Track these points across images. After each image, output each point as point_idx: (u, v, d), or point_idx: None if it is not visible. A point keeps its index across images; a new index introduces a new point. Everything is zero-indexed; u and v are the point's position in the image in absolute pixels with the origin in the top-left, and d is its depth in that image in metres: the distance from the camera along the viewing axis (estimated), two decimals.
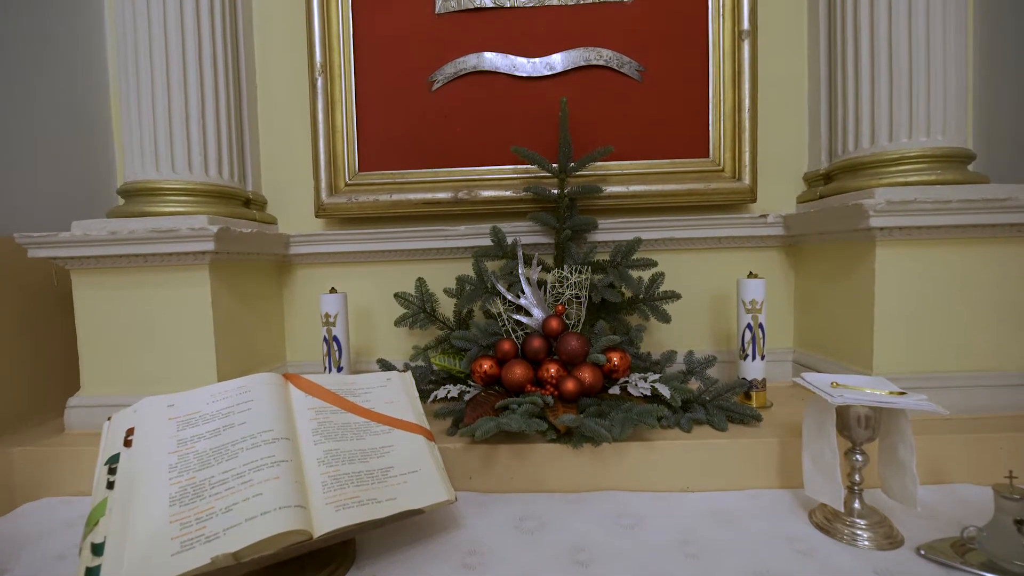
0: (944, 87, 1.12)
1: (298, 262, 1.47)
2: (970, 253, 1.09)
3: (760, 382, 1.17)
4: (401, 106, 1.39)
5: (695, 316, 1.42)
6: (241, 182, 1.35)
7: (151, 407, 0.75)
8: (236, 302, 1.25)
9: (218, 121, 1.25)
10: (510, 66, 1.36)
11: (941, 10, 1.11)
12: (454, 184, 1.38)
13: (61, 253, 1.11)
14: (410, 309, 1.29)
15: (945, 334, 1.09)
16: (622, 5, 1.35)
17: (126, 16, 1.18)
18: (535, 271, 1.23)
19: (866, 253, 1.12)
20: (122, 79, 1.20)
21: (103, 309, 1.15)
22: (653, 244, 1.38)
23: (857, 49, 1.18)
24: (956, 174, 1.12)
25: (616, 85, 1.36)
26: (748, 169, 1.35)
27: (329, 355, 1.23)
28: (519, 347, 1.14)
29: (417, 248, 1.42)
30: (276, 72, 1.45)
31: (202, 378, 1.14)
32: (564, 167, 1.27)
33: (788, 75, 1.40)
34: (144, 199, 1.19)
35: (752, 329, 1.18)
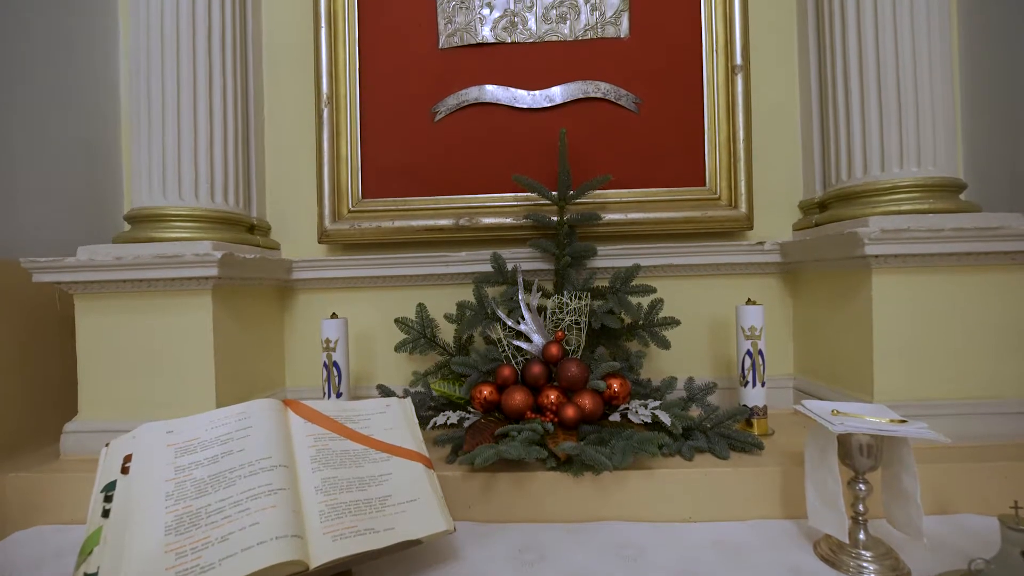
0: (932, 120, 1.15)
1: (300, 287, 1.48)
2: (966, 281, 1.10)
3: (761, 409, 1.16)
4: (404, 136, 1.42)
5: (695, 342, 1.42)
6: (246, 208, 1.37)
7: (150, 433, 0.75)
8: (237, 327, 1.26)
9: (225, 149, 1.28)
10: (511, 98, 1.41)
11: (926, 47, 1.15)
12: (455, 211, 1.40)
13: (66, 278, 1.12)
14: (410, 334, 1.30)
15: (945, 361, 1.09)
16: (619, 41, 1.40)
17: (140, 47, 1.22)
18: (535, 297, 1.24)
19: (863, 280, 1.13)
20: (133, 108, 1.24)
21: (105, 333, 1.16)
22: (652, 271, 1.40)
23: (847, 83, 1.22)
24: (948, 203, 1.14)
25: (614, 117, 1.40)
26: (744, 197, 1.38)
27: (329, 381, 1.23)
28: (519, 373, 1.14)
29: (418, 274, 1.43)
30: (283, 102, 1.49)
31: (201, 403, 1.14)
32: (564, 195, 1.30)
33: (781, 107, 1.44)
34: (150, 225, 1.21)
35: (752, 356, 1.18)
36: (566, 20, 1.40)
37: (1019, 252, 1.08)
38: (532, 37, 1.40)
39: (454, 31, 1.41)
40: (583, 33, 1.40)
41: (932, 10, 1.15)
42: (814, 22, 1.36)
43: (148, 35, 1.21)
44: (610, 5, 1.39)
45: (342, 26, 1.41)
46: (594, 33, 1.40)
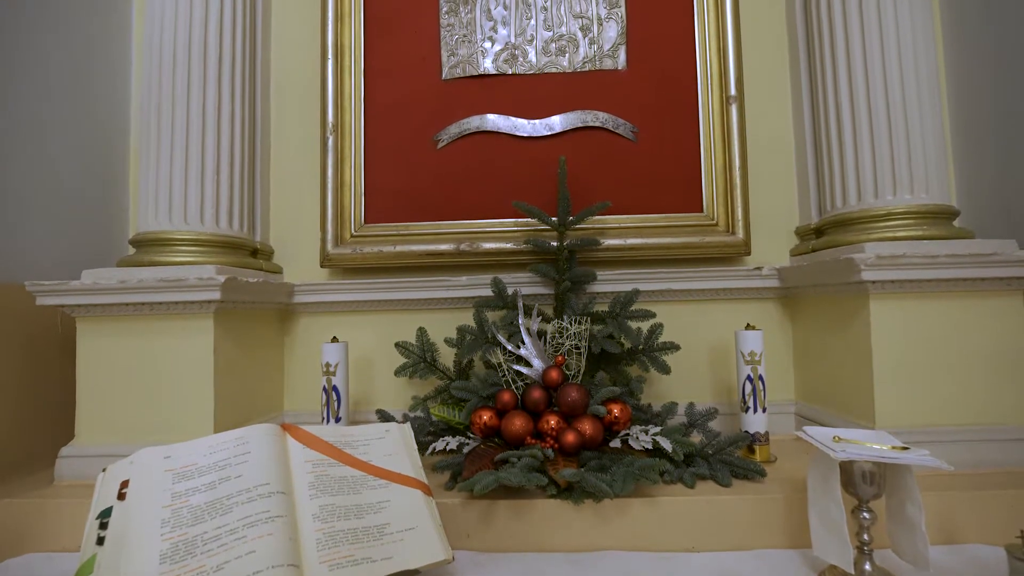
0: (923, 148, 1.18)
1: (301, 311, 1.49)
2: (963, 306, 1.11)
3: (763, 435, 1.16)
4: (407, 163, 1.45)
5: (695, 367, 1.42)
6: (250, 233, 1.39)
7: (148, 458, 0.74)
8: (237, 351, 1.26)
9: (231, 176, 1.30)
10: (511, 127, 1.44)
11: (914, 77, 1.18)
12: (457, 236, 1.42)
13: (70, 301, 1.13)
14: (410, 358, 1.30)
15: (945, 387, 1.09)
16: (616, 73, 1.44)
17: (151, 75, 1.25)
18: (535, 321, 1.24)
19: (861, 306, 1.14)
20: (143, 133, 1.27)
21: (105, 356, 1.16)
22: (651, 295, 1.41)
23: (839, 113, 1.26)
24: (942, 230, 1.16)
25: (612, 145, 1.43)
26: (741, 223, 1.40)
27: (328, 405, 1.22)
28: (519, 398, 1.14)
29: (419, 298, 1.44)
30: (289, 130, 1.52)
31: (198, 428, 1.13)
32: (563, 221, 1.32)
33: (775, 136, 1.48)
34: (155, 249, 1.23)
35: (752, 381, 1.18)
36: (565, 53, 1.45)
37: (1014, 278, 1.10)
38: (532, 69, 1.45)
39: (457, 63, 1.46)
40: (582, 65, 1.44)
41: (918, 41, 1.19)
42: (805, 55, 1.41)
43: (160, 63, 1.25)
44: (607, 39, 1.44)
45: (348, 58, 1.45)
46: (592, 65, 1.44)
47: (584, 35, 1.45)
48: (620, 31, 1.44)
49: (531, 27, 1.45)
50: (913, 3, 1.19)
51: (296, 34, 1.53)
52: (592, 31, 1.45)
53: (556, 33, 1.45)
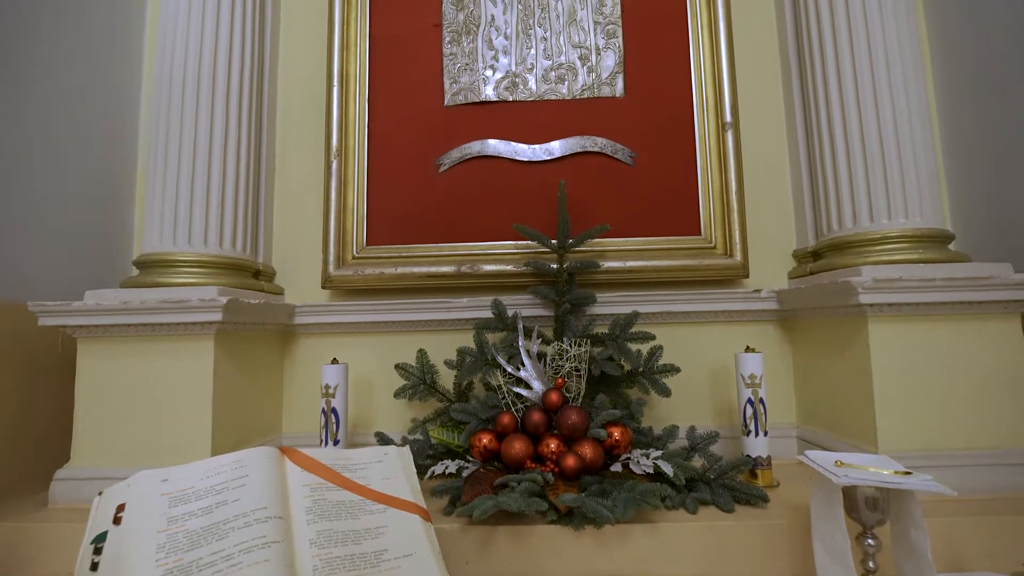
0: (916, 173, 1.20)
1: (302, 332, 1.49)
2: (961, 329, 1.11)
3: (765, 460, 1.15)
4: (409, 186, 1.48)
5: (695, 390, 1.42)
6: (253, 254, 1.41)
7: (145, 482, 0.74)
8: (237, 372, 1.26)
9: (236, 198, 1.32)
10: (512, 151, 1.47)
11: (905, 104, 1.21)
12: (457, 258, 1.43)
13: (72, 321, 1.14)
14: (410, 380, 1.29)
15: (947, 411, 1.09)
16: (614, 100, 1.48)
17: (161, 98, 1.28)
18: (535, 343, 1.24)
19: (859, 329, 1.14)
20: (151, 155, 1.29)
21: (105, 377, 1.16)
22: (651, 318, 1.41)
23: (832, 140, 1.28)
24: (938, 253, 1.17)
25: (611, 169, 1.46)
26: (739, 246, 1.41)
27: (327, 427, 1.22)
28: (519, 421, 1.13)
29: (419, 319, 1.44)
30: (294, 154, 1.55)
31: (195, 450, 1.12)
32: (563, 243, 1.33)
33: (771, 160, 1.50)
34: (158, 270, 1.24)
35: (753, 404, 1.17)
36: (564, 81, 1.49)
37: (1012, 301, 1.10)
38: (533, 96, 1.49)
39: (459, 90, 1.50)
40: (580, 93, 1.48)
41: (907, 69, 1.22)
42: (798, 83, 1.45)
43: (171, 87, 1.28)
44: (605, 67, 1.48)
45: (353, 86, 1.49)
46: (591, 93, 1.48)
47: (583, 64, 1.49)
48: (618, 60, 1.48)
49: (531, 56, 1.50)
50: (901, 33, 1.23)
51: (303, 62, 1.57)
52: (590, 60, 1.49)
53: (556, 62, 1.49)
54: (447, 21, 1.51)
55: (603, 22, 1.49)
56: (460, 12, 1.51)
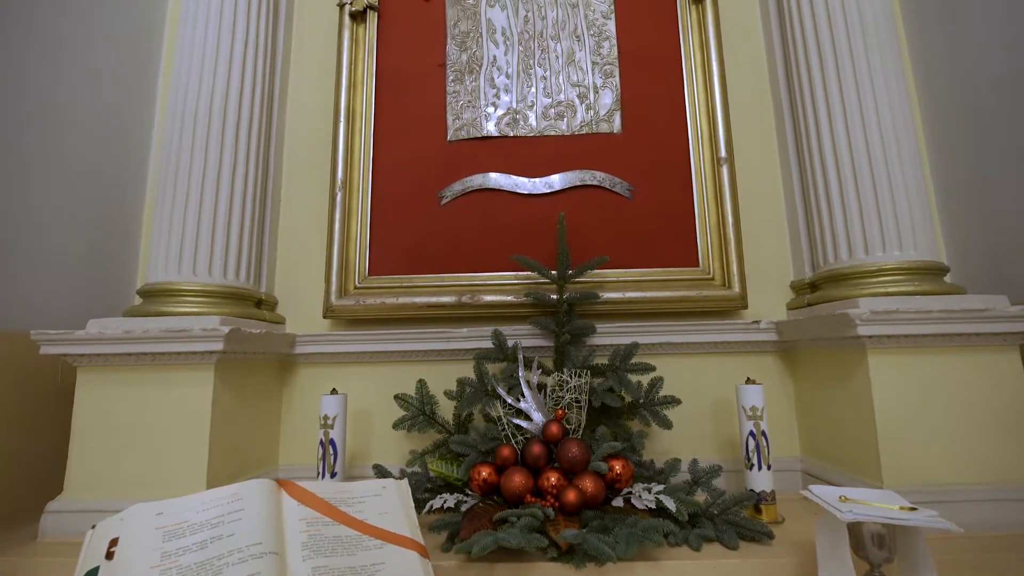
0: (908, 207, 1.23)
1: (302, 362, 1.49)
2: (961, 361, 1.11)
3: (769, 494, 1.13)
4: (412, 217, 1.51)
5: (697, 422, 1.40)
6: (256, 284, 1.42)
7: (139, 515, 0.73)
8: (236, 402, 1.25)
9: (242, 229, 1.35)
10: (512, 184, 1.51)
11: (894, 138, 1.25)
12: (458, 289, 1.45)
13: (74, 350, 1.14)
14: (410, 411, 1.28)
15: (952, 444, 1.08)
16: (612, 136, 1.53)
17: (173, 130, 1.32)
18: (535, 374, 1.24)
19: (859, 360, 1.15)
20: (160, 186, 1.32)
21: (103, 407, 1.15)
22: (651, 348, 1.41)
23: (825, 174, 1.32)
24: (933, 285, 1.18)
25: (609, 202, 1.49)
26: (737, 278, 1.43)
27: (324, 459, 1.20)
28: (519, 453, 1.12)
29: (420, 349, 1.45)
30: (300, 186, 1.59)
31: (190, 482, 1.11)
32: (563, 274, 1.35)
33: (766, 194, 1.54)
34: (162, 299, 1.25)
35: (755, 437, 1.16)
36: (564, 118, 1.54)
37: (1009, 333, 1.11)
38: (533, 132, 1.53)
39: (461, 126, 1.54)
40: (579, 129, 1.53)
41: (895, 105, 1.26)
42: (790, 119, 1.49)
43: (183, 123, 1.32)
44: (603, 105, 1.54)
45: (359, 121, 1.54)
46: (589, 129, 1.53)
47: (581, 102, 1.54)
48: (615, 98, 1.54)
49: (532, 94, 1.55)
50: (887, 73, 1.28)
51: (311, 98, 1.63)
52: (589, 98, 1.54)
53: (555, 100, 1.54)
54: (451, 61, 1.58)
55: (600, 63, 1.56)
56: (463, 53, 1.58)
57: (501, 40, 1.58)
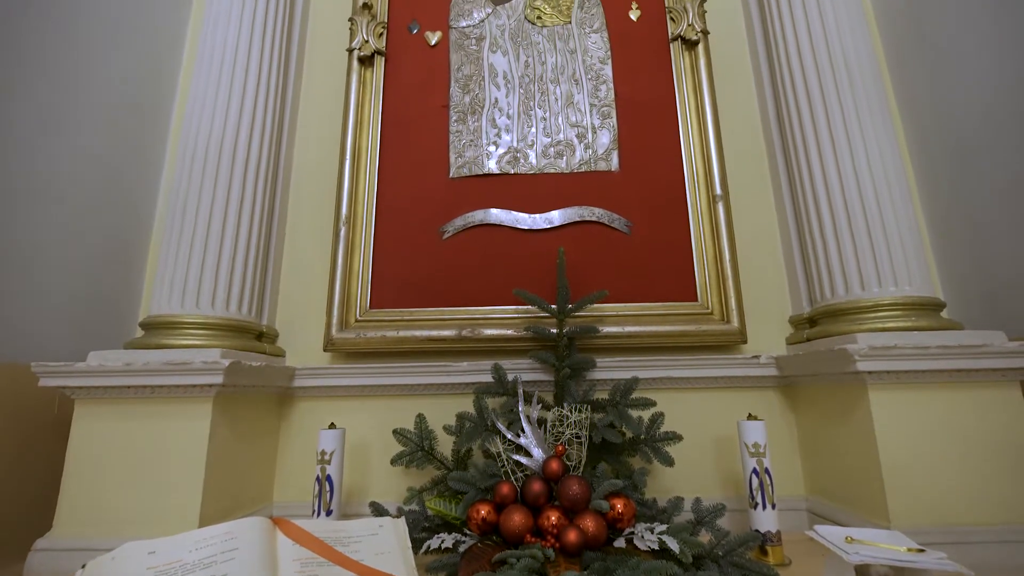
0: (901, 243, 1.25)
1: (301, 395, 1.48)
2: (963, 397, 1.11)
3: (775, 535, 1.10)
4: (414, 252, 1.53)
5: (699, 458, 1.38)
6: (257, 316, 1.43)
7: (131, 554, 0.71)
8: (233, 437, 1.24)
9: (246, 262, 1.37)
10: (513, 220, 1.54)
11: (884, 179, 1.29)
12: (458, 322, 1.46)
13: (74, 383, 1.14)
14: (408, 446, 1.27)
15: (958, 483, 1.06)
16: (610, 174, 1.57)
17: (183, 171, 1.36)
18: (535, 409, 1.23)
19: (860, 396, 1.14)
20: (168, 220, 1.35)
21: (98, 441, 1.14)
22: (651, 383, 1.41)
23: (818, 212, 1.35)
24: (930, 321, 1.19)
25: (608, 238, 1.52)
26: (735, 312, 1.44)
27: (320, 496, 1.18)
28: (519, 491, 1.10)
29: (419, 383, 1.44)
30: (304, 220, 1.62)
31: (183, 519, 1.08)
32: (563, 308, 1.36)
33: (762, 230, 1.57)
34: (163, 332, 1.25)
35: (759, 474, 1.14)
36: (563, 156, 1.58)
37: (1008, 369, 1.11)
38: (533, 170, 1.58)
39: (463, 163, 1.59)
40: (578, 167, 1.57)
41: (883, 145, 1.31)
42: (782, 159, 1.54)
43: (192, 161, 1.36)
44: (601, 145, 1.59)
45: (365, 159, 1.59)
46: (588, 167, 1.57)
47: (580, 141, 1.59)
48: (612, 138, 1.59)
49: (532, 134, 1.61)
50: (873, 111, 1.33)
51: (318, 137, 1.68)
52: (587, 138, 1.59)
53: (554, 139, 1.60)
54: (454, 103, 1.64)
55: (598, 105, 1.62)
56: (466, 95, 1.64)
57: (503, 83, 1.65)
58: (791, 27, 1.46)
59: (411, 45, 1.69)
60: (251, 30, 1.46)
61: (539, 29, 1.69)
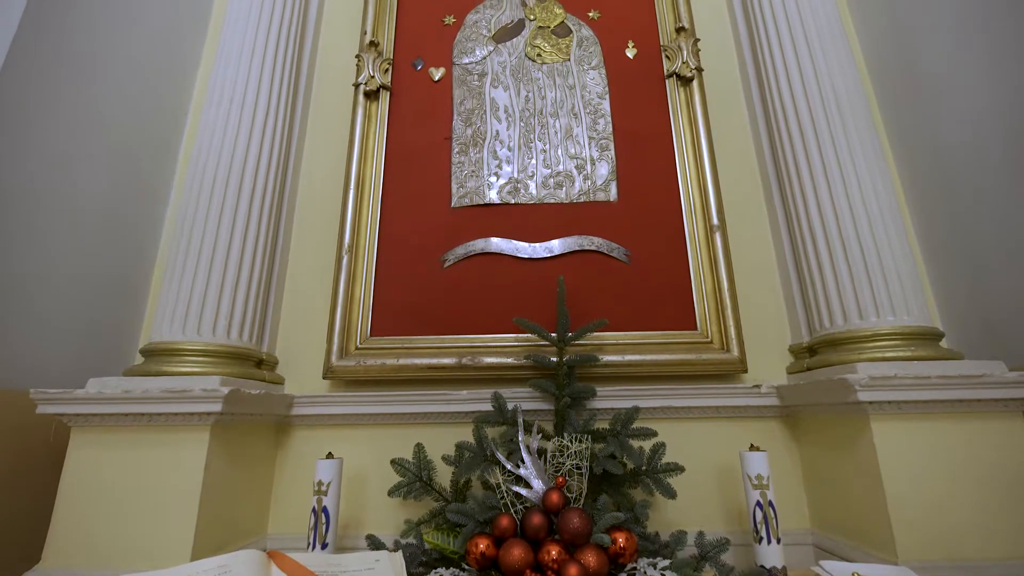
0: (897, 273, 1.26)
1: (298, 423, 1.46)
2: (965, 429, 1.10)
3: (780, 571, 1.07)
4: (415, 280, 1.55)
5: (702, 490, 1.36)
6: (258, 343, 1.43)
7: None
8: (229, 467, 1.22)
9: (249, 290, 1.38)
10: (513, 249, 1.56)
11: (877, 208, 1.31)
12: (458, 350, 1.46)
13: (72, 410, 1.13)
14: (406, 477, 1.25)
15: (966, 516, 1.04)
16: (609, 204, 1.60)
17: (190, 201, 1.38)
18: (535, 439, 1.22)
19: (862, 427, 1.13)
20: (173, 246, 1.37)
21: (92, 470, 1.12)
22: (652, 412, 1.40)
23: (814, 242, 1.37)
24: (930, 350, 1.19)
25: (607, 267, 1.54)
26: (735, 341, 1.44)
27: (316, 528, 1.15)
28: (518, 523, 1.08)
29: (419, 412, 1.43)
30: (307, 248, 1.64)
31: (175, 551, 1.06)
32: (562, 336, 1.36)
33: (759, 260, 1.58)
34: (163, 358, 1.25)
35: (763, 507, 1.12)
36: (562, 187, 1.62)
37: (1010, 400, 1.11)
38: (533, 200, 1.61)
39: (465, 193, 1.62)
40: (577, 197, 1.61)
41: (875, 176, 1.33)
42: (777, 190, 1.57)
43: (200, 188, 1.38)
44: (600, 176, 1.62)
45: (368, 189, 1.62)
46: (587, 197, 1.60)
47: (579, 172, 1.63)
48: (611, 169, 1.63)
49: (532, 165, 1.64)
50: (864, 144, 1.36)
51: (323, 168, 1.72)
52: (586, 169, 1.63)
53: (554, 170, 1.63)
54: (456, 135, 1.68)
55: (597, 137, 1.66)
56: (468, 128, 1.69)
57: (504, 117, 1.70)
58: (782, 66, 1.51)
59: (415, 80, 1.75)
60: (261, 67, 1.52)
61: (539, 66, 1.75)
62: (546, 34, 1.79)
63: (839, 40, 1.48)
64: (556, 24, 1.80)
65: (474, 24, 1.82)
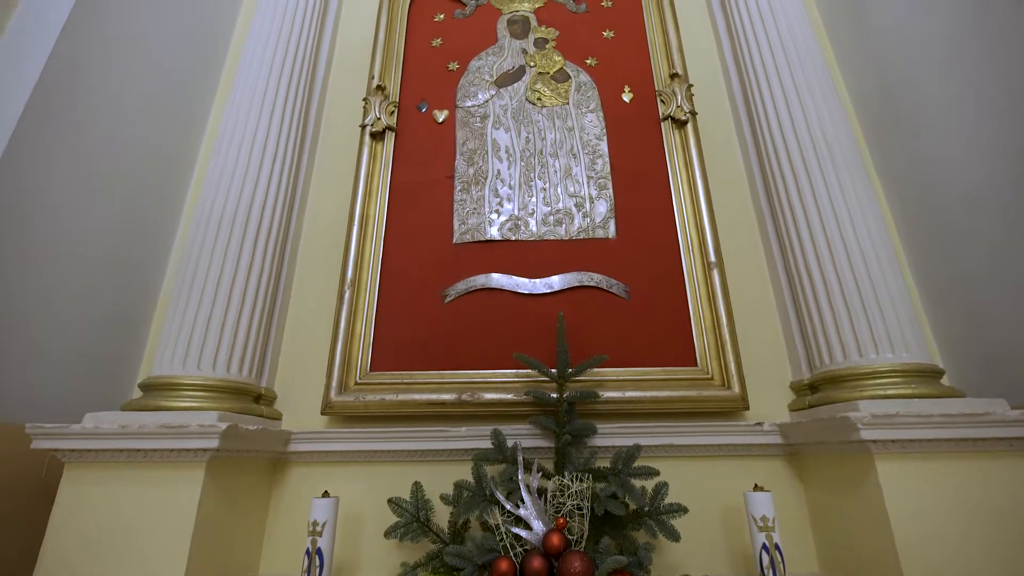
0: (894, 311, 1.28)
1: (295, 460, 1.44)
2: (972, 469, 1.09)
3: None
4: (416, 315, 1.56)
5: (706, 532, 1.32)
6: (257, 378, 1.43)
7: None
8: (222, 505, 1.20)
9: (250, 325, 1.39)
10: (514, 284, 1.58)
11: (872, 247, 1.33)
12: (458, 386, 1.45)
13: (67, 445, 1.12)
14: (403, 517, 1.22)
15: (977, 560, 1.01)
16: (607, 241, 1.63)
17: (196, 239, 1.42)
18: (535, 477, 1.20)
19: (867, 467, 1.12)
20: (178, 281, 1.39)
21: (84, 506, 1.11)
22: (653, 451, 1.38)
23: (811, 280, 1.39)
24: (930, 388, 1.19)
25: (607, 303, 1.55)
26: (736, 378, 1.43)
27: (310, 571, 1.12)
28: (518, 567, 1.05)
29: (417, 449, 1.41)
30: (309, 284, 1.66)
31: None
32: (563, 372, 1.36)
33: (757, 298, 1.60)
34: (162, 393, 1.25)
35: (769, 551, 1.09)
36: (562, 224, 1.65)
37: (1015, 439, 1.09)
38: (533, 236, 1.64)
39: (467, 230, 1.66)
40: (577, 234, 1.64)
41: (867, 215, 1.37)
42: (773, 229, 1.60)
43: (207, 226, 1.42)
44: (599, 213, 1.66)
45: (372, 225, 1.66)
46: (586, 234, 1.64)
47: (578, 210, 1.67)
48: (609, 207, 1.67)
49: (532, 203, 1.68)
50: (855, 184, 1.40)
51: (328, 205, 1.76)
52: (585, 207, 1.67)
53: (554, 208, 1.67)
54: (459, 174, 1.73)
55: (595, 177, 1.71)
56: (471, 167, 1.74)
57: (505, 156, 1.75)
58: (772, 109, 1.57)
59: (420, 122, 1.82)
60: (271, 111, 1.58)
61: (539, 109, 1.82)
62: (546, 79, 1.87)
63: (826, 83, 1.55)
64: (555, 70, 1.88)
65: (477, 70, 1.90)
